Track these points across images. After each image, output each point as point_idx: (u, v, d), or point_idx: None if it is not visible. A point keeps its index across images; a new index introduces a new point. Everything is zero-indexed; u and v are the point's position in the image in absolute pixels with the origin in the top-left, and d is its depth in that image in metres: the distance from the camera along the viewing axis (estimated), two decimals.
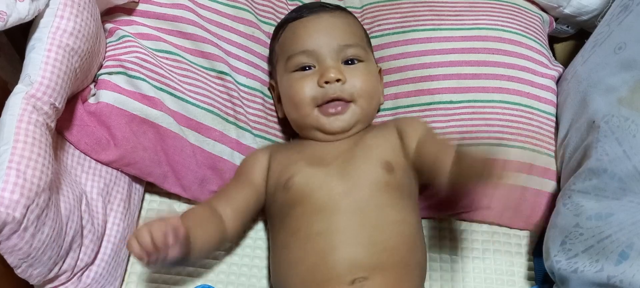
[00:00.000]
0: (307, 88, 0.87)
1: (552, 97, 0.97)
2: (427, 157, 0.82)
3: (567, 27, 1.10)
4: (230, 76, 0.96)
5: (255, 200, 0.89)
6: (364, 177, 0.83)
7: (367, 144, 0.87)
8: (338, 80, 0.85)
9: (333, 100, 0.87)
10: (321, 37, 0.88)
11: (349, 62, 0.89)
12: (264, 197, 0.89)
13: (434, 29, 0.99)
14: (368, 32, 1.02)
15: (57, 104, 0.73)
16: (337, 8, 0.96)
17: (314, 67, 0.88)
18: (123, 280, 0.90)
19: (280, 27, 0.96)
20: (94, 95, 0.88)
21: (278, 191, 0.86)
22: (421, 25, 1.00)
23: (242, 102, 0.96)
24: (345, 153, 0.86)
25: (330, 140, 0.89)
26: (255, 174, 0.89)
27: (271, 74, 1.00)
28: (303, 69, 0.89)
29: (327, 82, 0.85)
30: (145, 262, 0.71)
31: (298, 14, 0.94)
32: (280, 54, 0.93)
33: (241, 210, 0.87)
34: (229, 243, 0.90)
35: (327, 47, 0.88)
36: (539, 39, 1.01)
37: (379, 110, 0.98)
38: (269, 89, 0.99)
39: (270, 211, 0.89)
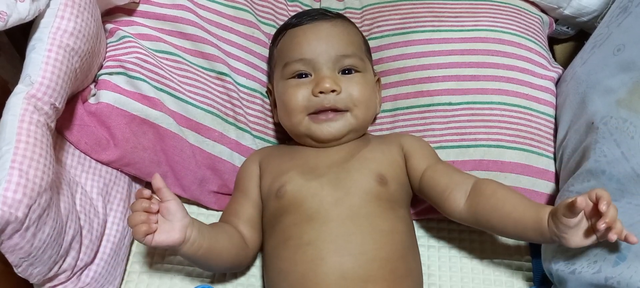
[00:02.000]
0: (300, 96, 0.87)
1: (551, 98, 0.97)
2: (436, 186, 0.84)
3: (567, 28, 1.11)
4: (230, 77, 0.96)
5: (259, 210, 0.89)
6: (356, 186, 0.83)
7: (364, 156, 0.87)
8: (333, 91, 0.85)
9: (327, 110, 0.87)
10: (319, 45, 0.88)
11: (346, 71, 0.89)
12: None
13: (433, 31, 1.00)
14: (368, 33, 1.03)
15: (57, 104, 0.73)
16: (338, 16, 0.96)
17: (310, 75, 0.88)
18: (122, 280, 0.90)
19: (280, 33, 0.95)
20: (94, 95, 0.88)
21: (270, 199, 0.86)
22: (421, 26, 1.00)
23: (241, 103, 0.97)
24: (339, 163, 0.86)
25: (323, 147, 0.89)
26: (250, 186, 0.90)
27: (269, 77, 1.00)
28: (299, 76, 0.88)
29: (321, 92, 0.85)
30: (149, 231, 0.71)
31: (298, 20, 0.94)
32: (278, 60, 0.93)
33: (252, 222, 0.87)
34: (253, 257, 0.89)
35: (325, 56, 0.87)
36: (539, 41, 1.01)
37: (374, 120, 0.98)
38: (266, 92, 0.99)
39: (263, 218, 0.89)
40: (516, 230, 0.77)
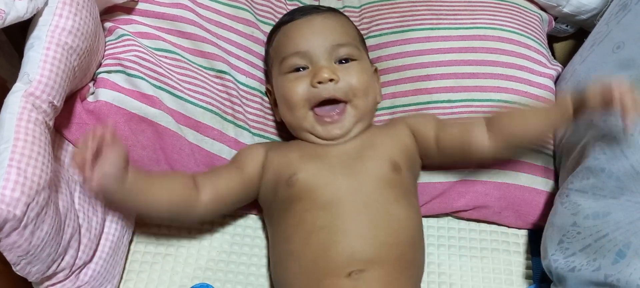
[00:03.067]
0: (300, 89, 0.86)
1: (550, 96, 0.97)
2: (453, 139, 0.87)
3: (567, 26, 1.10)
4: (230, 75, 0.96)
5: (240, 188, 0.88)
6: (370, 173, 0.83)
7: (375, 144, 0.87)
8: (331, 80, 0.85)
9: (327, 101, 0.86)
10: (314, 38, 0.88)
11: (342, 61, 0.88)
12: (254, 190, 0.89)
13: (432, 29, 0.99)
14: (366, 31, 1.03)
15: (55, 102, 0.73)
16: (330, 10, 0.96)
17: (308, 68, 0.88)
18: (121, 278, 0.90)
19: (274, 31, 0.95)
20: (93, 93, 0.88)
21: (280, 187, 0.86)
22: (419, 24, 1.00)
23: (241, 101, 0.97)
24: (351, 153, 0.86)
25: (330, 144, 0.88)
26: (248, 165, 0.89)
27: (268, 77, 1.00)
28: (297, 70, 0.88)
29: (319, 82, 0.85)
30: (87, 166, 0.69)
31: (291, 17, 0.93)
32: (275, 57, 0.92)
33: (221, 190, 0.86)
34: (198, 218, 0.88)
35: (320, 48, 0.87)
36: (538, 38, 1.01)
37: (376, 110, 0.98)
38: (266, 93, 0.99)
39: (270, 205, 0.89)
40: (547, 127, 0.88)
